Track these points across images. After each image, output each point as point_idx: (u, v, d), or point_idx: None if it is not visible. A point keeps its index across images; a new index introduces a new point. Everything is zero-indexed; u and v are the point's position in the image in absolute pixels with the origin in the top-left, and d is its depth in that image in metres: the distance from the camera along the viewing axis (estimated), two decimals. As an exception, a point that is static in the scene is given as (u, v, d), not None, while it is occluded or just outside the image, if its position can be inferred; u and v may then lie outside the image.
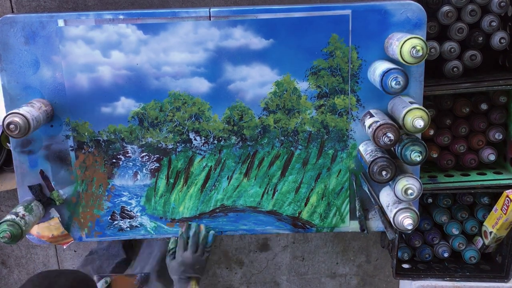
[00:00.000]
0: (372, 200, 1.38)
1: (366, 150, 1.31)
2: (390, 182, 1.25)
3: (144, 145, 1.39)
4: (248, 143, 1.40)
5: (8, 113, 1.19)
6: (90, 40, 1.31)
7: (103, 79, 1.33)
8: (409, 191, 1.19)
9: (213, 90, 1.35)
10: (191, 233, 1.39)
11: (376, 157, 1.23)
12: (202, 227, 1.41)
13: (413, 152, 1.18)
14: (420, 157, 1.18)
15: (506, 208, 1.49)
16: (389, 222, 1.30)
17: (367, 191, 1.39)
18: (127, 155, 1.40)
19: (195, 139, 1.39)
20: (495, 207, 1.55)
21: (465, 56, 1.50)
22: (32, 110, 1.23)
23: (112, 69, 1.33)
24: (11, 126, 1.17)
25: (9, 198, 1.96)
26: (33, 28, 1.29)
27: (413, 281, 1.70)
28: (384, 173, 1.21)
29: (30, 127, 1.19)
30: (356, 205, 1.42)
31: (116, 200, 1.43)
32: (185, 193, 1.43)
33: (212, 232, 1.41)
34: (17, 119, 1.17)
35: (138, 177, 1.42)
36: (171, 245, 1.40)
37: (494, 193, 1.59)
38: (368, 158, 1.26)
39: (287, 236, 2.12)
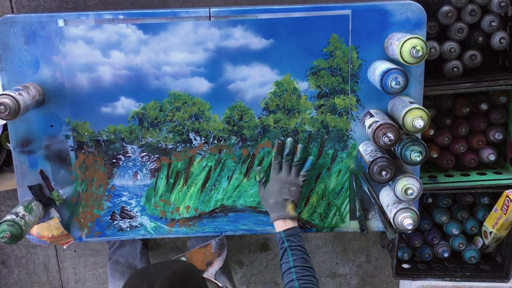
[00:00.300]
0: (372, 200, 1.38)
1: (366, 150, 1.31)
2: (390, 182, 1.25)
3: (144, 145, 1.39)
4: (248, 143, 1.40)
5: (1, 93, 1.18)
6: (90, 40, 1.31)
7: (103, 79, 1.33)
8: (409, 191, 1.19)
9: (213, 90, 1.35)
10: (285, 153, 1.30)
11: (376, 157, 1.23)
12: (298, 148, 1.32)
13: (413, 152, 1.18)
14: (420, 157, 1.18)
15: (506, 208, 1.49)
16: (389, 222, 1.30)
17: (367, 191, 1.39)
18: (127, 155, 1.40)
19: (195, 139, 1.39)
20: (495, 207, 1.55)
21: (465, 56, 1.50)
22: (26, 97, 1.22)
23: (112, 69, 1.33)
24: (1, 107, 1.16)
25: (9, 198, 1.96)
26: (33, 28, 1.29)
27: (413, 281, 1.70)
28: (384, 173, 1.21)
29: (20, 111, 1.18)
30: (356, 205, 1.42)
31: (116, 200, 1.43)
32: (185, 193, 1.43)
33: (311, 157, 1.33)
34: (7, 100, 1.16)
35: (138, 177, 1.42)
36: (258, 176, 1.33)
37: (494, 193, 1.59)
38: (368, 158, 1.26)
39: (287, 236, 2.12)
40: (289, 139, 1.34)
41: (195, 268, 1.03)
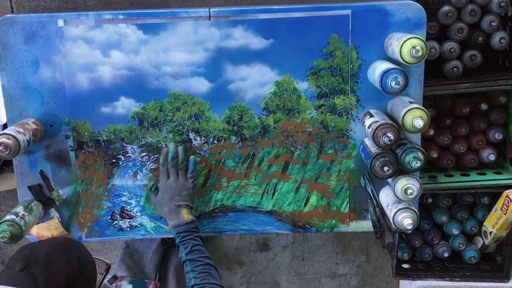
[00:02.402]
0: (374, 202, 1.37)
1: (372, 143, 1.30)
2: (390, 181, 1.24)
3: (144, 145, 1.39)
4: (248, 143, 1.40)
5: (2, 133, 1.21)
6: (90, 40, 1.31)
7: (103, 79, 1.33)
8: (409, 191, 1.19)
9: (213, 90, 1.35)
10: (169, 158, 1.32)
11: (381, 151, 1.22)
12: (180, 150, 1.33)
13: (412, 160, 1.18)
14: (419, 163, 1.18)
15: (506, 208, 1.49)
16: (388, 226, 1.30)
17: (370, 192, 1.38)
18: (127, 155, 1.40)
19: (195, 139, 1.39)
20: (495, 207, 1.55)
21: (465, 56, 1.50)
22: (26, 135, 1.25)
23: (112, 69, 1.33)
24: (1, 147, 1.19)
25: (9, 198, 1.96)
26: (33, 28, 1.29)
27: (413, 281, 1.70)
28: (386, 168, 1.20)
29: (20, 150, 1.22)
30: (369, 207, 1.40)
31: (116, 200, 1.43)
32: (185, 193, 1.43)
33: (192, 157, 1.34)
34: (8, 140, 1.19)
35: (138, 177, 1.42)
36: (149, 182, 1.37)
37: (494, 193, 1.59)
38: (374, 149, 1.25)
39: (287, 236, 2.12)
40: (171, 144, 1.35)
41: (79, 242, 1.09)
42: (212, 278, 1.18)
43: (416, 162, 1.18)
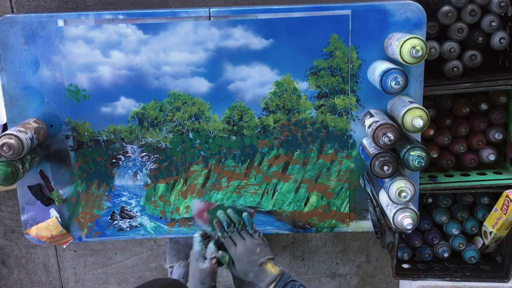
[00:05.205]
0: (374, 202, 1.37)
1: (370, 143, 1.30)
2: (385, 183, 1.24)
3: (144, 145, 1.39)
4: (248, 143, 1.40)
5: (4, 133, 1.20)
6: (90, 40, 1.31)
7: (103, 79, 1.33)
8: (403, 194, 1.19)
9: (213, 90, 1.35)
10: (226, 227, 1.22)
11: (379, 151, 1.22)
12: (230, 214, 1.23)
13: (415, 158, 1.18)
14: (422, 162, 1.18)
15: (506, 208, 1.49)
16: (388, 225, 1.30)
17: (369, 192, 1.38)
18: (127, 155, 1.40)
19: (195, 139, 1.39)
20: (495, 207, 1.55)
21: (465, 56, 1.50)
22: (28, 135, 1.24)
23: (112, 69, 1.33)
24: (4, 147, 1.18)
25: (9, 198, 1.96)
26: (33, 28, 1.29)
27: (413, 281, 1.70)
28: (386, 168, 1.20)
29: (24, 150, 1.21)
30: (369, 207, 1.40)
31: (116, 200, 1.43)
32: (185, 193, 1.43)
33: (245, 214, 1.23)
34: (11, 141, 1.19)
35: (138, 177, 1.42)
36: (224, 261, 1.24)
37: (494, 193, 1.58)
38: (372, 150, 1.25)
39: (287, 236, 2.12)
40: (219, 212, 1.23)
41: (181, 283, 1.13)
42: None
43: (420, 161, 1.17)
